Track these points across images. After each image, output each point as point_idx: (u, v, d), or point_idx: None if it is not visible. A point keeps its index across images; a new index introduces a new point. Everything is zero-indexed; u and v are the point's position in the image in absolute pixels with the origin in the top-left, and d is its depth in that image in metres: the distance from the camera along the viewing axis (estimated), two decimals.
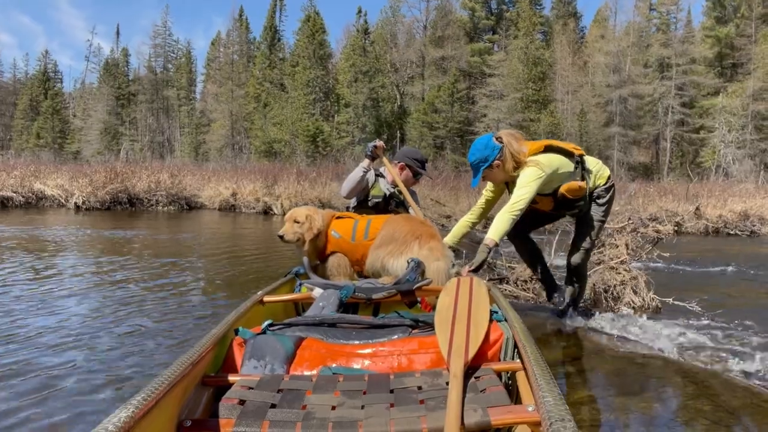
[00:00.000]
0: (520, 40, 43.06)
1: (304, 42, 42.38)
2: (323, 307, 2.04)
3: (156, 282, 4.66)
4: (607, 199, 3.39)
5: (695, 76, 43.63)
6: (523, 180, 3.11)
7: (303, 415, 1.18)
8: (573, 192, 3.24)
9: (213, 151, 46.01)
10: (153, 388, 1.09)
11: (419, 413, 1.17)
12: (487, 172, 3.24)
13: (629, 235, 4.32)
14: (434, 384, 1.32)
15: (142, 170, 14.53)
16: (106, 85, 53.30)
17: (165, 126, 55.43)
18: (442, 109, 41.74)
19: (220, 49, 53.53)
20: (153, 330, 3.23)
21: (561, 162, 3.22)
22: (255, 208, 14.70)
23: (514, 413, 1.15)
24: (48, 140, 48.30)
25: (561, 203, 3.34)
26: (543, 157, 3.20)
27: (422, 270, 2.51)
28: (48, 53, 60.41)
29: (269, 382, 1.34)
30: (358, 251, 2.79)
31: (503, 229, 3.06)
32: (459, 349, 1.41)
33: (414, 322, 1.73)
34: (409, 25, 49.00)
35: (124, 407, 0.99)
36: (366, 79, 41.73)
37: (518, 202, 3.06)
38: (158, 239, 8.01)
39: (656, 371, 2.72)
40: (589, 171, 3.34)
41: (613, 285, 4.05)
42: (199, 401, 1.36)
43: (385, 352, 1.55)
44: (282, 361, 1.50)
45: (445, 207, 12.98)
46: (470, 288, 1.91)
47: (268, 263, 5.86)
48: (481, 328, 1.56)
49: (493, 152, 3.17)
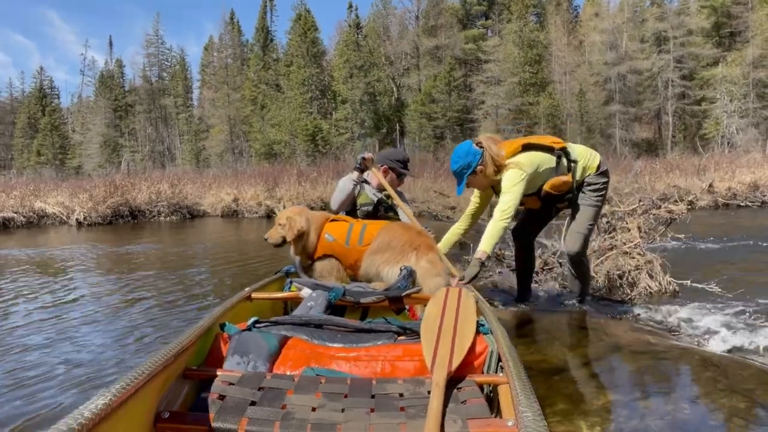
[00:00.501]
0: (513, 23, 42.68)
1: (296, 41, 42.31)
2: (311, 308, 2.03)
3: (166, 297, 4.54)
4: (600, 186, 3.30)
5: (693, 48, 43.04)
6: (507, 184, 3.09)
7: (282, 414, 1.17)
8: (558, 187, 3.23)
9: (213, 156, 45.96)
10: (132, 378, 1.07)
11: (399, 420, 1.17)
12: (471, 179, 3.21)
13: (641, 217, 4.16)
14: (416, 392, 1.32)
15: (141, 182, 14.41)
16: (103, 98, 53.27)
17: (164, 135, 55.35)
18: (439, 99, 41.49)
19: (214, 54, 53.22)
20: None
21: (541, 159, 3.18)
22: (257, 213, 14.57)
23: (493, 426, 1.15)
24: (49, 157, 48.33)
25: (548, 199, 3.33)
26: (522, 156, 3.17)
27: (413, 278, 2.50)
28: (43, 70, 60.32)
29: (251, 379, 1.34)
30: (352, 256, 2.76)
31: (494, 239, 3.07)
32: (443, 359, 1.41)
33: (400, 329, 1.72)
34: (401, 16, 48.65)
35: (101, 395, 0.97)
36: (361, 74, 41.59)
37: (506, 210, 3.05)
38: (164, 251, 7.91)
39: (680, 364, 2.56)
40: (574, 161, 3.26)
41: (628, 270, 3.91)
42: (178, 393, 1.34)
43: (369, 356, 1.56)
44: (265, 359, 1.50)
45: (449, 198, 12.81)
46: (458, 299, 1.90)
47: (278, 265, 5.75)
48: (467, 339, 1.55)
49: (475, 158, 3.15)
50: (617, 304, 3.63)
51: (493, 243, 3.07)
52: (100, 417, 0.92)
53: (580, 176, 3.27)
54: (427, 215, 12.75)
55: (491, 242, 3.05)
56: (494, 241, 3.07)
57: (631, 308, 3.51)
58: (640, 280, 3.83)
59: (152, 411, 1.18)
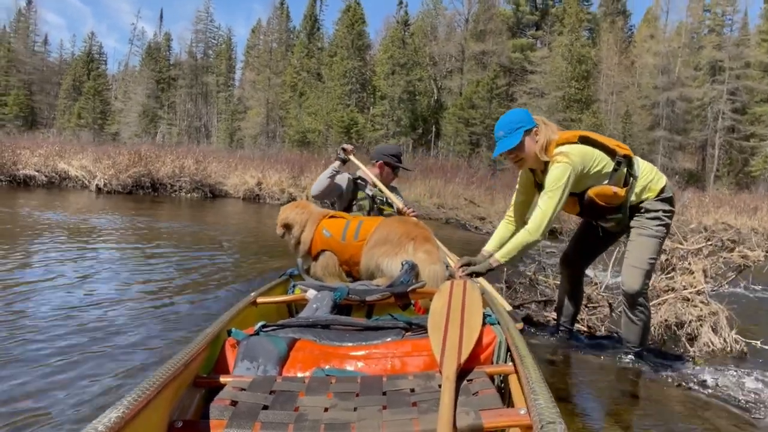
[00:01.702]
0: (564, 36, 41.59)
1: (343, 32, 42.12)
2: (317, 309, 2.04)
3: (175, 281, 4.37)
4: (661, 214, 2.80)
5: (749, 81, 41.41)
6: (550, 180, 2.67)
7: (295, 416, 1.17)
8: (605, 198, 2.75)
9: (248, 138, 46.14)
10: (144, 389, 1.07)
11: (412, 416, 1.16)
12: (522, 141, 2.75)
13: (707, 259, 3.54)
14: (427, 387, 1.31)
15: (166, 155, 14.12)
16: (147, 69, 54.01)
17: (203, 112, 55.99)
18: (479, 105, 40.68)
19: (260, 37, 53.52)
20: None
21: (597, 158, 2.73)
22: (279, 199, 14.10)
23: (506, 416, 1.14)
24: (88, 120, 48.95)
25: (589, 209, 2.84)
26: (574, 148, 2.67)
27: (416, 272, 2.49)
28: (94, 35, 61.73)
29: (262, 384, 1.33)
30: (348, 251, 2.80)
31: (516, 252, 2.73)
32: (452, 352, 1.40)
33: (407, 324, 1.69)
34: (450, 18, 48.00)
35: (114, 407, 0.98)
36: (403, 72, 41.12)
37: (542, 223, 2.67)
38: (181, 229, 7.59)
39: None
40: (634, 176, 2.76)
41: (688, 321, 3.31)
42: (190, 402, 1.34)
43: (378, 354, 1.55)
44: (275, 363, 1.49)
45: (479, 208, 12.20)
46: (463, 291, 1.88)
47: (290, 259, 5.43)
48: (474, 331, 1.54)
49: (532, 121, 2.78)
50: (674, 360, 3.04)
51: (513, 257, 2.74)
52: (114, 430, 0.92)
53: (638, 197, 2.79)
54: (455, 223, 12.19)
55: (511, 254, 2.73)
56: (516, 254, 2.73)
57: (691, 370, 2.91)
58: (702, 333, 3.24)
59: (165, 421, 1.18)
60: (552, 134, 2.74)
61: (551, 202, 2.64)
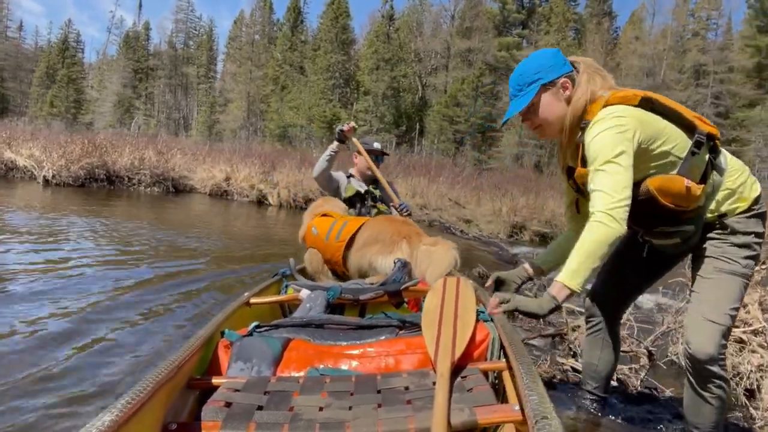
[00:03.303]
0: (551, 36, 41.36)
1: (327, 25, 41.57)
2: (310, 309, 2.04)
3: (132, 292, 3.73)
4: (752, 240, 1.87)
5: (732, 86, 41.52)
6: (600, 148, 1.73)
7: (290, 416, 1.18)
8: (672, 195, 1.77)
9: (228, 131, 45.25)
10: (137, 392, 1.08)
11: (406, 413, 1.17)
12: (537, 101, 1.89)
13: (762, 287, 2.76)
14: (421, 384, 1.31)
15: (125, 145, 13.02)
16: (124, 58, 52.64)
17: (182, 103, 54.96)
18: (464, 103, 40.15)
19: (242, 29, 52.51)
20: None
21: (666, 131, 1.80)
22: (248, 197, 13.21)
23: (500, 412, 1.15)
24: (61, 109, 47.50)
25: (644, 212, 1.84)
26: (629, 110, 1.77)
27: (409, 270, 2.47)
28: (71, 22, 59.82)
29: (256, 384, 1.34)
30: (329, 251, 2.87)
31: (592, 261, 1.68)
32: (446, 349, 1.40)
33: (401, 322, 1.69)
34: (436, 14, 47.50)
35: (108, 411, 0.97)
36: (388, 68, 40.57)
37: (615, 201, 1.66)
38: (137, 229, 6.70)
39: None
40: (719, 169, 1.87)
41: (747, 371, 2.50)
42: (184, 404, 1.34)
43: (372, 353, 1.54)
44: (269, 363, 1.48)
45: (465, 209, 11.50)
46: (457, 288, 1.84)
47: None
48: (468, 328, 1.53)
49: (561, 68, 1.89)
50: (733, 427, 2.29)
51: (588, 270, 1.68)
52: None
53: (718, 206, 1.88)
54: (439, 225, 11.48)
55: (584, 268, 1.67)
56: (591, 264, 1.68)
57: (746, 427, 2.16)
58: (763, 386, 2.40)
59: (159, 423, 1.18)
60: (598, 88, 1.85)
61: (611, 177, 1.70)
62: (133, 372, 2.44)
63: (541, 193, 13.31)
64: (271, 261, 5.59)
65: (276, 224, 10.03)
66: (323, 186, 3.79)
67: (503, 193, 12.95)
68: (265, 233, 8.21)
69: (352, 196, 3.68)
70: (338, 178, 3.79)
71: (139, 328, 3.07)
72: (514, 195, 12.56)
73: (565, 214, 2.24)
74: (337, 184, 3.77)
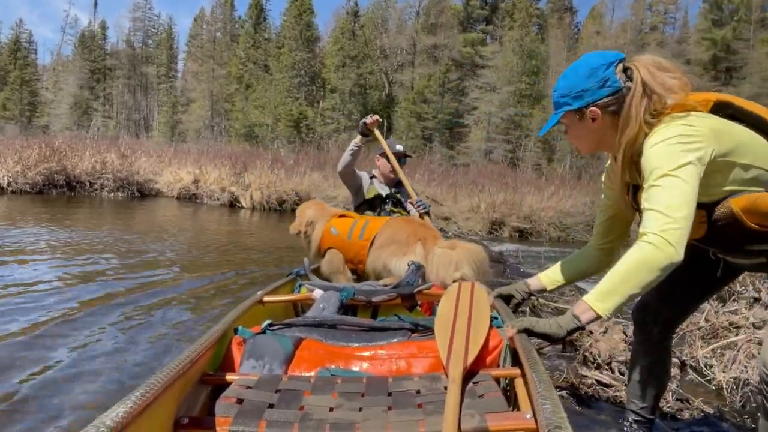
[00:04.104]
0: (515, 31, 41.63)
1: (290, 22, 40.98)
2: (323, 309, 2.04)
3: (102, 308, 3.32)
4: None
5: (690, 78, 42.71)
6: (659, 159, 1.46)
7: (300, 416, 1.17)
8: (761, 213, 1.50)
9: (191, 131, 44.17)
10: (151, 385, 1.08)
11: (417, 417, 1.15)
12: (573, 120, 1.65)
13: None
14: (432, 388, 1.30)
15: (85, 148, 12.36)
16: (80, 58, 50.86)
17: (143, 104, 53.51)
18: (431, 100, 40.22)
19: (203, 26, 51.30)
20: None
21: (748, 141, 1.54)
22: (219, 199, 12.74)
23: (511, 420, 1.12)
24: (15, 113, 45.55)
25: (723, 233, 1.60)
26: (705, 119, 1.52)
27: (423, 273, 2.46)
28: (22, 22, 57.38)
29: (267, 382, 1.34)
30: (353, 249, 2.86)
31: (632, 288, 1.43)
32: (458, 354, 1.37)
33: (413, 325, 1.67)
34: (401, 10, 47.36)
35: (122, 403, 0.97)
36: (354, 65, 40.30)
37: (670, 221, 1.39)
38: (103, 238, 6.24)
39: None
40: None
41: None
42: (197, 399, 1.33)
43: (384, 355, 1.53)
44: (281, 362, 1.47)
45: (442, 207, 11.36)
46: (471, 293, 1.81)
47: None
48: (481, 333, 1.49)
49: (597, 92, 1.58)
50: None
51: (624, 296, 1.44)
52: (121, 425, 0.92)
53: None
54: None
55: (619, 293, 1.43)
56: (629, 290, 1.43)
57: None
58: None
59: (172, 417, 1.18)
60: (667, 95, 1.53)
61: (670, 192, 1.43)
62: (83, 407, 2.18)
63: (519, 188, 13.26)
64: (248, 267, 5.31)
65: (250, 228, 9.67)
66: (347, 182, 3.74)
67: (480, 189, 12.82)
68: (241, 239, 7.86)
69: (373, 198, 3.66)
70: (362, 176, 3.75)
71: (97, 351, 2.77)
72: (491, 191, 12.44)
73: (595, 229, 1.99)
74: (360, 183, 3.72)
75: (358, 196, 3.73)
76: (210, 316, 3.51)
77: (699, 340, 3.21)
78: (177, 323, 3.33)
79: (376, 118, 3.54)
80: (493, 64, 41.06)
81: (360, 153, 3.57)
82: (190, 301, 3.88)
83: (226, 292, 4.20)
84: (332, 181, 12.92)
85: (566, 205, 12.68)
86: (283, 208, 12.66)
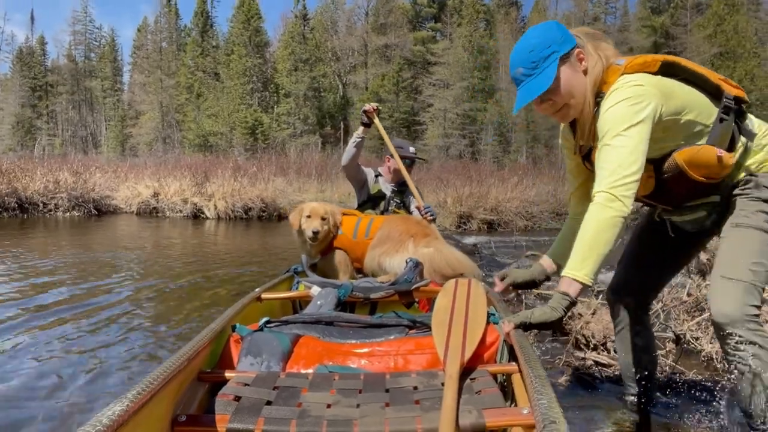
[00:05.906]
0: (463, 28, 42.25)
1: (238, 29, 40.39)
2: (321, 306, 2.03)
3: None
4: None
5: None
6: (613, 120, 1.55)
7: (298, 412, 1.17)
8: (704, 168, 1.62)
9: (142, 145, 42.96)
10: (148, 383, 1.07)
11: (414, 413, 1.16)
12: (558, 77, 1.63)
13: None
14: (430, 384, 1.30)
15: (35, 168, 11.86)
16: (19, 75, 48.69)
17: (89, 119, 51.68)
18: (386, 99, 40.31)
19: (148, 36, 49.90)
20: None
21: (690, 99, 1.64)
22: (182, 211, 12.42)
23: (508, 415, 1.14)
24: None
25: (669, 189, 1.72)
26: (651, 79, 1.60)
27: (420, 270, 2.45)
28: None
29: (265, 379, 1.34)
30: (359, 249, 2.82)
31: (601, 247, 1.48)
32: (455, 350, 1.38)
33: (411, 322, 1.68)
34: (350, 11, 47.40)
35: (118, 401, 0.97)
36: (306, 68, 40.11)
37: (621, 177, 1.49)
38: (64, 261, 5.89)
39: None
40: (749, 134, 1.68)
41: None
42: (194, 396, 1.33)
43: (382, 351, 1.54)
44: (278, 359, 1.48)
45: None
46: (468, 290, 1.81)
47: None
48: (478, 329, 1.50)
49: (572, 38, 1.66)
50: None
51: (597, 258, 1.49)
52: (118, 423, 0.92)
53: (745, 167, 1.70)
54: None
55: (591, 257, 1.49)
56: (598, 251, 1.49)
57: None
58: None
59: (169, 415, 1.18)
60: (611, 56, 1.67)
61: (620, 151, 1.52)
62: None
63: (483, 181, 13.45)
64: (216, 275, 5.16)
65: (217, 238, 9.44)
66: (351, 176, 3.68)
67: (445, 184, 12.93)
68: (210, 249, 7.66)
69: (377, 195, 3.67)
70: (367, 172, 3.74)
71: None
72: (456, 185, 12.56)
73: (569, 200, 2.02)
74: (365, 178, 3.70)
75: (362, 193, 3.71)
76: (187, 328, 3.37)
77: (684, 313, 3.29)
78: (145, 344, 3.12)
79: (374, 105, 3.52)
80: (445, 60, 41.54)
81: (363, 145, 3.55)
82: (164, 321, 3.66)
83: (196, 309, 3.97)
84: (297, 186, 12.77)
85: (530, 194, 13.02)
86: (249, 216, 12.47)
